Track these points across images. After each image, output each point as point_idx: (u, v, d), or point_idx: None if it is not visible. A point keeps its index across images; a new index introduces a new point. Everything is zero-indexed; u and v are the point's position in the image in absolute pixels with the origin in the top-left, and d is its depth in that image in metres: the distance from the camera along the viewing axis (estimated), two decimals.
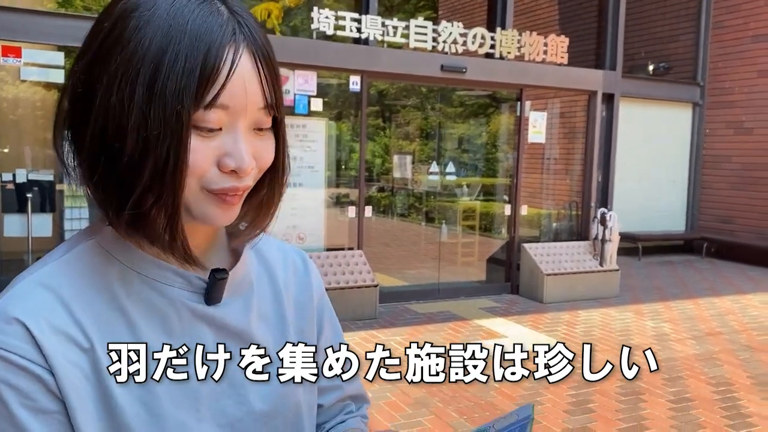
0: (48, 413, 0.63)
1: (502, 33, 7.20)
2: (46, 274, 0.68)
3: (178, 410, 0.69)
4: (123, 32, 0.64)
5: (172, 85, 0.62)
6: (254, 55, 0.66)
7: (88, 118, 0.65)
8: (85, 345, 0.66)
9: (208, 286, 0.73)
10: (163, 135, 0.62)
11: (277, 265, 0.87)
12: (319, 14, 6.40)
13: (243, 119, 0.67)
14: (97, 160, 0.65)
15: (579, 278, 7.37)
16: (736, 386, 4.71)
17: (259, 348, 0.76)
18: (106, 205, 0.68)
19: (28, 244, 7.14)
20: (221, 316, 0.75)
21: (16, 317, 0.63)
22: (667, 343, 5.78)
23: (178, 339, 0.71)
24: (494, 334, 5.94)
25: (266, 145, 0.71)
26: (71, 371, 0.64)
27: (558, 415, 4.09)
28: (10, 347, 0.62)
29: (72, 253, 0.70)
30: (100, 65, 0.64)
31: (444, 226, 8.69)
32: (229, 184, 0.67)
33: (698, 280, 8.87)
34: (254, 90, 0.66)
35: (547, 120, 8.22)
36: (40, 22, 6.71)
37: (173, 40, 0.63)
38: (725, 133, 10.77)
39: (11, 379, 0.62)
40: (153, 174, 0.63)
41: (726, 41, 10.72)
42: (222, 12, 0.65)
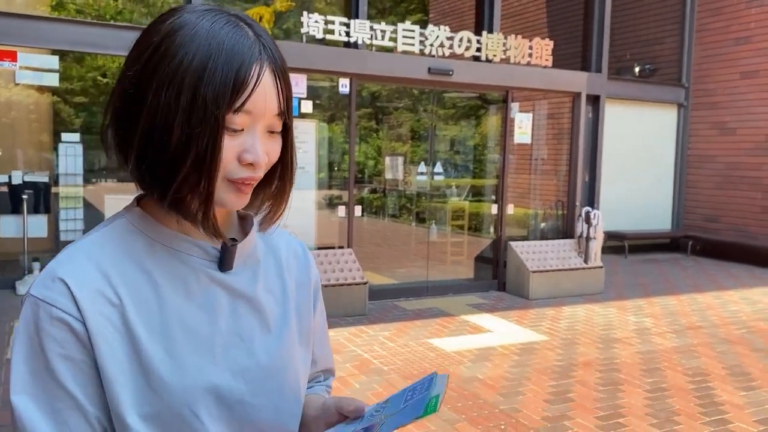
0: (74, 361, 0.78)
1: (487, 36, 7.37)
2: (86, 244, 0.84)
3: (196, 355, 0.83)
4: (170, 47, 0.79)
5: (212, 92, 0.77)
6: (274, 71, 0.81)
7: (139, 116, 0.79)
8: (116, 301, 0.80)
9: (221, 255, 0.88)
10: (202, 133, 0.77)
11: (281, 249, 1.01)
12: (309, 18, 6.56)
13: (261, 122, 0.82)
14: (145, 152, 0.80)
15: (564, 275, 7.55)
16: (711, 377, 4.89)
17: (264, 312, 0.92)
18: (152, 190, 0.83)
19: (24, 244, 7.25)
20: (232, 282, 0.89)
21: (60, 277, 0.78)
22: (648, 336, 5.96)
23: (197, 299, 0.85)
24: (480, 329, 6.10)
25: (275, 145, 0.86)
26: (102, 323, 0.79)
27: (538, 404, 4.26)
28: (53, 301, 0.77)
29: (108, 228, 0.86)
30: (151, 73, 0.79)
31: (433, 226, 8.85)
32: (246, 174, 0.82)
33: (682, 277, 9.07)
34: (272, 100, 0.81)
35: (535, 121, 8.41)
36: (35, 27, 6.82)
37: (213, 56, 0.77)
38: (709, 133, 10.98)
39: (51, 329, 0.77)
40: (193, 164, 0.78)
41: (709, 44, 10.94)
42: (250, 35, 0.81)
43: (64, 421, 0.77)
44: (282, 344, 0.93)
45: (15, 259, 7.34)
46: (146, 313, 0.82)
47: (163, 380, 0.80)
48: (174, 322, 0.83)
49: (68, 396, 0.77)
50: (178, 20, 0.81)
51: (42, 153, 8.33)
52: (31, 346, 0.78)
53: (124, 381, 0.79)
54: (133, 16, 11.58)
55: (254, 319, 0.90)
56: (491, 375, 4.81)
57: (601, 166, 9.40)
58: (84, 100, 11.56)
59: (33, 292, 0.79)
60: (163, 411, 0.81)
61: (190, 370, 0.82)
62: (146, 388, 0.80)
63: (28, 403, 0.77)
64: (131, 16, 11.57)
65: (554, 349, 5.52)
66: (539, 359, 5.22)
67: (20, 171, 7.33)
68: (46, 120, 8.69)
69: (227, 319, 0.87)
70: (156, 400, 0.80)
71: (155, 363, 0.80)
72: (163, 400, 0.80)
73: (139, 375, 0.80)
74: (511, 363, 5.11)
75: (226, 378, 0.85)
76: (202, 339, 0.85)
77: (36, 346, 0.77)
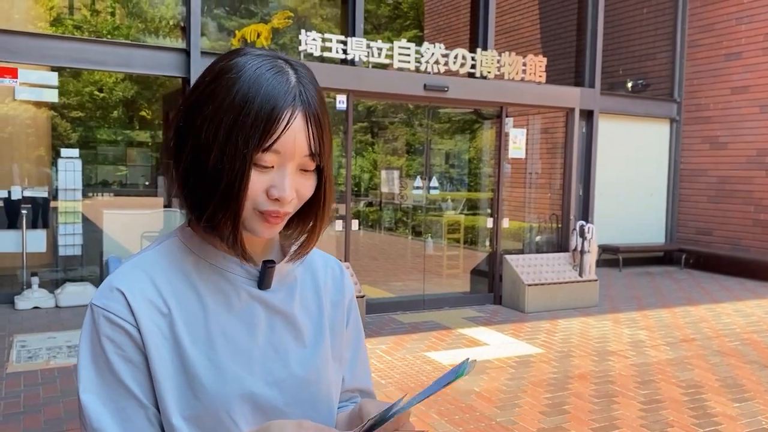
0: (132, 362, 0.86)
1: (482, 54, 7.49)
2: (141, 260, 0.93)
3: (235, 365, 0.90)
4: (217, 87, 0.87)
5: (244, 133, 0.84)
6: (307, 116, 0.87)
7: (185, 147, 0.89)
8: (165, 311, 0.89)
9: (260, 274, 0.96)
10: (232, 168, 0.85)
11: (318, 269, 1.08)
12: (306, 36, 6.67)
13: (291, 162, 0.88)
14: (188, 180, 0.89)
15: (559, 288, 7.63)
16: (704, 388, 4.95)
17: (300, 327, 0.98)
18: (192, 212, 0.91)
19: (23, 259, 7.29)
20: (270, 299, 0.96)
21: (118, 288, 0.87)
22: (642, 349, 6.03)
23: (237, 313, 0.93)
24: (476, 342, 6.16)
25: (307, 183, 0.91)
26: (153, 330, 0.87)
27: (534, 416, 4.31)
28: (112, 309, 0.86)
29: (161, 245, 0.95)
30: (199, 109, 0.88)
31: (429, 240, 8.92)
32: (272, 207, 0.88)
33: (675, 289, 9.15)
34: (302, 142, 0.87)
35: (529, 136, 8.52)
36: (37, 45, 6.91)
37: (249, 100, 0.85)
38: (701, 147, 11.12)
39: (110, 332, 0.86)
40: (222, 194, 0.86)
41: (701, 59, 11.11)
42: (291, 81, 0.87)
43: (128, 417, 0.86)
44: (316, 358, 0.99)
45: (14, 273, 7.37)
46: (192, 323, 0.90)
47: (204, 386, 0.88)
48: (216, 333, 0.91)
49: (130, 394, 0.86)
50: (229, 63, 0.89)
51: (41, 168, 8.39)
52: (94, 349, 0.86)
53: (169, 385, 0.87)
54: (131, 31, 11.68)
55: (289, 334, 0.97)
56: (488, 388, 4.87)
57: (594, 180, 9.51)
58: (81, 114, 11.65)
59: (94, 302, 0.88)
60: (203, 414, 0.88)
61: (229, 377, 0.89)
62: (189, 392, 0.87)
63: (94, 400, 0.85)
64: (128, 32, 11.67)
65: (550, 361, 5.58)
66: (535, 372, 5.28)
67: (19, 186, 7.38)
68: (45, 135, 8.75)
69: (264, 332, 0.95)
70: (197, 403, 0.87)
71: (198, 369, 0.88)
72: (203, 404, 0.87)
73: (182, 380, 0.87)
74: (508, 376, 5.16)
75: (261, 386, 0.92)
76: (241, 350, 0.92)
77: (98, 349, 0.86)
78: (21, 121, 8.24)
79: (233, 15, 11.54)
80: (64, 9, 10.89)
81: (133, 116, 12.50)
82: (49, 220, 7.59)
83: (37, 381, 4.70)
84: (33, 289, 6.97)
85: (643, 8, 11.75)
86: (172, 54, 7.55)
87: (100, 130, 12.21)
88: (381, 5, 18.48)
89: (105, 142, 11.66)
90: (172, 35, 10.41)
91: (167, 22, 10.87)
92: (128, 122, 12.44)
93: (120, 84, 12.21)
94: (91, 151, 10.98)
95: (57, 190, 7.44)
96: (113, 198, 10.45)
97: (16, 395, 4.41)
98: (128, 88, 12.20)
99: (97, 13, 11.74)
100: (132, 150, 11.75)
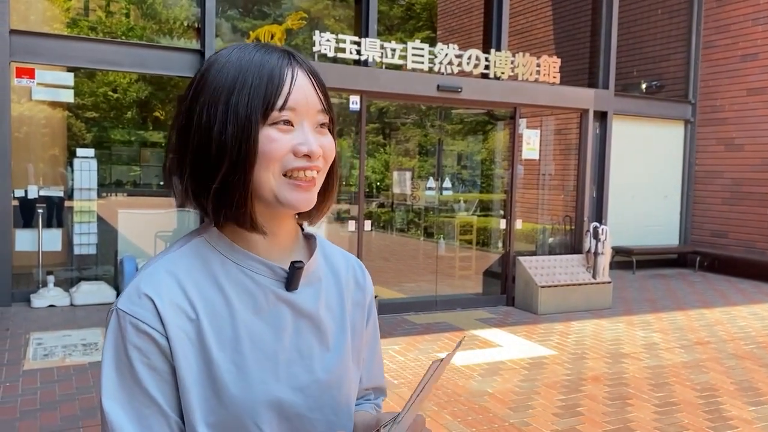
0: (157, 371, 0.84)
1: (495, 54, 7.48)
2: (168, 261, 0.91)
3: (261, 371, 0.89)
4: (208, 77, 0.89)
5: (244, 99, 0.86)
6: (307, 73, 0.91)
7: (188, 141, 0.89)
8: (193, 316, 0.87)
9: (288, 275, 0.94)
10: (237, 135, 0.85)
11: (340, 268, 1.07)
12: (320, 37, 6.68)
13: (308, 119, 0.89)
14: (196, 169, 0.89)
15: (572, 290, 7.59)
16: (720, 392, 4.91)
17: (324, 330, 0.98)
18: (205, 205, 0.90)
19: (39, 258, 7.35)
20: (297, 301, 0.95)
21: (146, 293, 0.86)
22: (656, 351, 5.99)
23: (265, 316, 0.92)
24: (489, 343, 6.15)
25: (329, 140, 0.93)
26: (181, 336, 0.86)
27: (548, 417, 4.30)
28: (140, 316, 0.84)
29: (187, 246, 0.93)
30: (195, 101, 0.89)
31: (442, 241, 8.91)
32: (302, 164, 0.88)
33: (690, 292, 9.08)
34: (312, 98, 0.90)
35: (543, 137, 8.49)
36: (54, 45, 6.97)
37: (242, 70, 0.87)
38: (716, 149, 11.03)
39: (136, 340, 0.84)
40: (230, 163, 0.86)
41: (716, 60, 11.02)
42: (279, 51, 0.91)
43: (149, 425, 0.84)
44: (339, 361, 0.98)
45: (29, 272, 7.44)
46: (219, 327, 0.88)
47: (230, 392, 0.87)
48: (243, 337, 0.89)
49: (152, 402, 0.84)
50: (213, 56, 0.92)
51: (56, 168, 8.46)
52: (118, 355, 0.85)
53: (196, 392, 0.86)
54: (145, 33, 11.76)
55: (314, 338, 0.96)
56: (501, 389, 4.85)
57: (608, 182, 9.46)
58: (95, 115, 11.74)
59: (121, 306, 0.86)
60: (228, 421, 0.87)
61: (256, 384, 0.88)
62: (214, 398, 0.86)
63: (116, 408, 0.84)
64: (143, 33, 11.76)
65: (563, 363, 5.55)
66: (548, 373, 5.26)
67: (35, 185, 7.45)
68: (60, 135, 8.84)
69: (291, 336, 0.94)
70: (222, 410, 0.87)
71: (224, 375, 0.87)
72: (228, 410, 0.87)
73: (208, 386, 0.86)
74: (521, 377, 5.15)
75: (287, 392, 0.91)
76: (267, 354, 0.91)
77: (122, 356, 0.84)
78: (37, 121, 8.32)
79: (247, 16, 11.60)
80: (80, 10, 10.99)
81: (147, 117, 12.58)
82: (65, 219, 7.65)
83: (53, 378, 4.74)
84: (48, 287, 7.03)
85: (657, 9, 11.68)
86: (187, 55, 7.59)
87: (115, 131, 12.29)
88: (394, 6, 18.50)
89: (119, 142, 11.74)
90: (186, 36, 10.48)
91: (181, 23, 10.94)
92: (142, 123, 12.53)
93: (134, 85, 12.30)
94: (106, 151, 11.05)
95: (72, 189, 7.51)
96: (127, 198, 10.52)
97: (32, 392, 4.45)
98: (142, 89, 12.28)
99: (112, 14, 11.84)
100: (146, 150, 11.81)
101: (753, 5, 10.41)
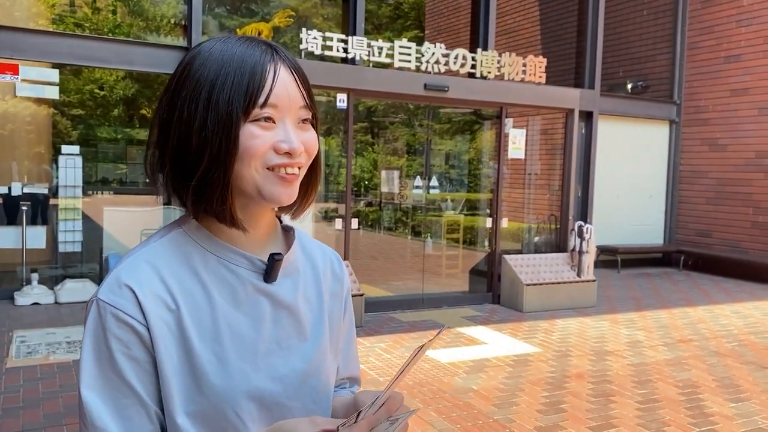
0: (137, 361, 0.85)
1: (482, 54, 7.51)
2: (148, 252, 0.91)
3: (240, 361, 0.90)
4: (190, 70, 0.89)
5: (225, 95, 0.86)
6: (290, 68, 0.91)
7: (169, 135, 0.89)
8: (173, 307, 0.88)
9: (267, 267, 0.94)
10: (217, 131, 0.86)
11: (317, 259, 1.08)
12: (307, 35, 6.69)
13: (289, 115, 0.90)
14: (176, 164, 0.89)
15: (557, 288, 7.64)
16: (701, 388, 4.97)
17: (302, 321, 0.99)
18: (185, 200, 0.91)
19: (23, 255, 7.30)
20: (276, 292, 0.96)
21: (127, 284, 0.86)
22: (640, 349, 6.04)
23: (244, 307, 0.92)
24: (475, 341, 6.18)
25: (311, 136, 0.93)
26: (161, 327, 0.86)
27: (532, 414, 4.33)
28: (121, 306, 0.84)
29: (166, 237, 0.93)
30: (177, 96, 0.89)
31: (429, 239, 8.94)
32: (284, 160, 0.89)
33: (674, 291, 9.17)
34: (294, 93, 0.90)
35: (529, 137, 8.53)
36: (39, 41, 6.92)
37: (224, 65, 0.87)
38: (701, 149, 11.14)
39: (117, 331, 0.84)
40: (210, 159, 0.86)
41: (700, 61, 11.13)
42: (261, 46, 0.90)
43: (129, 415, 0.85)
44: (316, 351, 0.99)
45: (13, 270, 7.39)
46: (199, 317, 0.89)
47: (211, 382, 0.87)
48: (223, 328, 0.90)
49: (132, 392, 0.84)
50: (196, 49, 0.92)
51: (41, 165, 8.40)
52: (98, 346, 0.85)
53: (176, 382, 0.86)
54: (132, 29, 11.69)
55: (292, 328, 0.97)
56: (485, 386, 4.88)
57: (594, 181, 9.52)
58: (81, 112, 11.66)
59: (101, 297, 0.86)
60: (208, 410, 0.87)
61: (235, 373, 0.89)
62: (194, 388, 0.87)
63: (95, 398, 0.84)
64: (129, 30, 11.69)
65: (547, 361, 5.60)
66: (533, 371, 5.30)
67: (19, 182, 7.39)
68: (45, 132, 8.77)
69: (269, 327, 0.94)
70: (202, 399, 0.87)
71: (204, 365, 0.87)
72: (209, 400, 0.87)
73: (188, 376, 0.87)
74: (505, 374, 5.18)
75: (266, 382, 0.92)
76: (246, 345, 0.91)
77: (103, 346, 0.84)
78: (21, 118, 8.26)
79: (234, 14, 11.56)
80: (66, 7, 10.91)
81: (133, 114, 12.52)
82: (49, 216, 7.60)
83: (37, 376, 4.71)
84: (33, 285, 6.98)
85: (643, 10, 11.78)
86: (174, 52, 7.56)
87: (101, 128, 12.22)
88: (382, 5, 18.52)
89: (105, 139, 11.67)
90: (173, 34, 10.44)
91: (168, 20, 10.89)
92: (128, 120, 12.46)
93: (120, 82, 12.23)
94: (92, 148, 10.99)
95: (57, 186, 7.46)
96: (113, 195, 10.46)
97: (15, 390, 4.42)
98: (128, 86, 12.22)
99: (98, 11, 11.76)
100: (132, 148, 11.75)
101: (736, 7, 10.53)
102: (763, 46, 10.15)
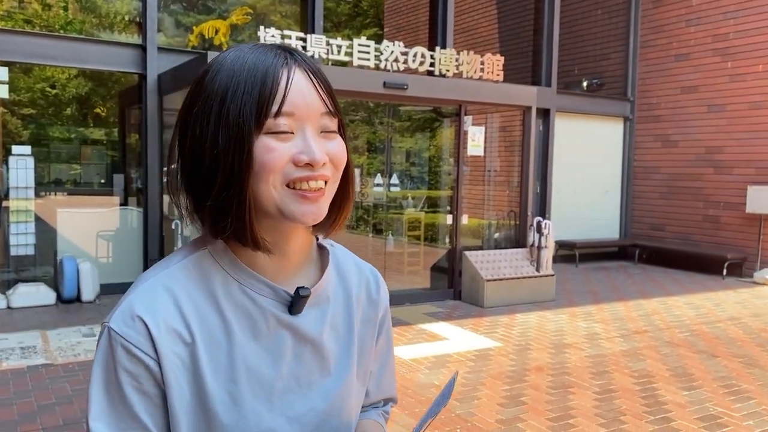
0: (147, 395, 0.81)
1: (441, 52, 7.57)
2: (166, 276, 0.86)
3: (255, 400, 0.85)
4: (203, 84, 0.84)
5: (235, 108, 0.79)
6: (307, 72, 0.83)
7: (185, 155, 0.85)
8: (188, 340, 0.83)
9: (292, 300, 0.88)
10: (229, 146, 0.79)
11: (352, 282, 1.00)
12: (265, 33, 6.64)
13: (310, 124, 0.82)
14: (194, 186, 0.84)
15: (517, 283, 7.77)
16: (656, 378, 5.12)
17: (326, 356, 0.92)
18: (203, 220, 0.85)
19: None
20: (299, 325, 0.89)
21: (139, 315, 0.81)
22: (597, 341, 6.19)
23: (264, 341, 0.87)
24: (437, 336, 6.24)
25: (337, 145, 0.85)
26: (174, 362, 0.82)
27: (492, 408, 4.40)
28: (132, 340, 0.80)
29: (189, 259, 0.87)
30: (190, 110, 0.84)
31: (390, 237, 8.97)
32: (305, 174, 0.81)
33: (629, 284, 9.41)
34: (313, 99, 0.82)
35: (488, 134, 8.63)
36: None
37: (234, 76, 0.81)
38: (653, 145, 11.44)
39: (128, 364, 0.80)
40: (224, 177, 0.80)
41: (652, 60, 11.43)
42: (274, 50, 0.84)
43: None
44: (340, 386, 0.94)
45: None
46: (215, 352, 0.85)
47: (222, 422, 0.83)
48: (239, 365, 0.85)
49: (141, 426, 0.82)
50: (211, 61, 0.86)
51: None
52: (108, 377, 0.82)
53: (186, 419, 0.83)
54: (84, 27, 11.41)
55: (315, 363, 0.92)
56: (446, 381, 4.93)
57: (551, 177, 9.70)
58: (32, 111, 11.34)
59: (113, 326, 0.82)
60: None
61: (249, 415, 0.85)
62: (204, 426, 0.84)
63: (104, 430, 0.81)
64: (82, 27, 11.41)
65: (508, 354, 5.69)
66: (493, 365, 5.38)
67: None
68: None
69: (290, 363, 0.89)
70: None
71: (217, 405, 0.83)
72: None
73: (199, 414, 0.83)
74: (467, 369, 5.24)
75: (281, 423, 0.87)
76: (262, 383, 0.87)
77: (112, 378, 0.81)
78: None
79: (191, 11, 11.39)
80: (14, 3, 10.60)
81: (87, 113, 12.22)
82: (0, 219, 7.37)
83: None
84: None
85: (597, 9, 12.03)
86: (128, 50, 7.42)
87: (53, 128, 11.90)
88: (340, 3, 18.48)
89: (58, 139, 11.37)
90: (127, 31, 10.23)
91: (122, 17, 10.67)
92: (82, 120, 12.16)
93: (73, 80, 11.93)
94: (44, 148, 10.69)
95: (8, 188, 7.24)
96: (67, 197, 10.20)
97: None
98: (82, 84, 11.92)
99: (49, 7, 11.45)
100: (86, 148, 11.48)
101: (686, 7, 10.84)
102: (711, 45, 10.48)
